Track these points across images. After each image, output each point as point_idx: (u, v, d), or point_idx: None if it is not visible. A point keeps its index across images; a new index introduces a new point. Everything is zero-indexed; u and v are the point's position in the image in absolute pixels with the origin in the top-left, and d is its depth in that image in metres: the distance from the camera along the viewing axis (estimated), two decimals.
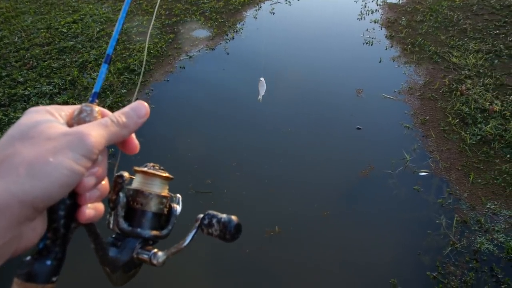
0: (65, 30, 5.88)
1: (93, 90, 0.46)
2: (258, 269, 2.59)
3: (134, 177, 0.52)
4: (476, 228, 2.77)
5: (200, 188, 3.12)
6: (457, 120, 3.69)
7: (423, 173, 3.18)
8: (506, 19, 5.33)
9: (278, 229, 2.78)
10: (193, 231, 0.51)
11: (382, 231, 2.82)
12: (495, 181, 3.10)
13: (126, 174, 0.49)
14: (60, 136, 0.38)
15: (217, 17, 5.97)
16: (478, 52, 4.65)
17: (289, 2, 6.50)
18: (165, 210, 0.53)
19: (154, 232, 0.51)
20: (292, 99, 4.13)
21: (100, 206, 0.43)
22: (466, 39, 4.99)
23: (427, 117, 3.76)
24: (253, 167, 3.31)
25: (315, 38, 5.32)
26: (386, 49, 4.95)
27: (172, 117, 3.99)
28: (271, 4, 6.42)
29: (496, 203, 2.94)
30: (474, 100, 3.87)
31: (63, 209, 0.40)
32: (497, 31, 5.08)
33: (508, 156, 3.29)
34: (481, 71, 4.33)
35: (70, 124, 0.42)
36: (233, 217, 0.50)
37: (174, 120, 3.96)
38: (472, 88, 4.05)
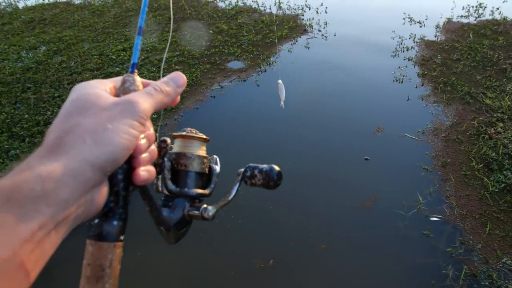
0: (115, 57, 6.42)
1: (132, 61, 0.49)
2: None
3: (172, 145, 0.55)
4: (487, 283, 2.59)
5: None
6: (481, 165, 3.52)
7: (435, 218, 3.05)
8: None
9: (272, 262, 2.79)
10: (237, 184, 0.56)
11: (384, 274, 2.73)
12: None
13: (168, 140, 0.53)
14: (113, 106, 0.41)
15: (253, 50, 6.22)
16: None
17: (325, 37, 6.62)
18: (206, 170, 0.57)
19: (199, 190, 0.55)
20: (308, 132, 4.17)
21: (152, 169, 0.46)
22: (504, 79, 4.77)
23: (449, 160, 3.61)
24: (258, 197, 3.37)
25: (345, 73, 5.36)
26: (416, 87, 4.86)
27: None
28: (307, 39, 6.58)
29: None
30: (503, 145, 3.67)
31: (121, 173, 0.43)
32: None
33: None
34: None
35: (116, 95, 0.46)
36: (274, 166, 0.55)
37: None
38: (503, 132, 3.85)
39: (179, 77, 0.50)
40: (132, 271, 2.75)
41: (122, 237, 0.44)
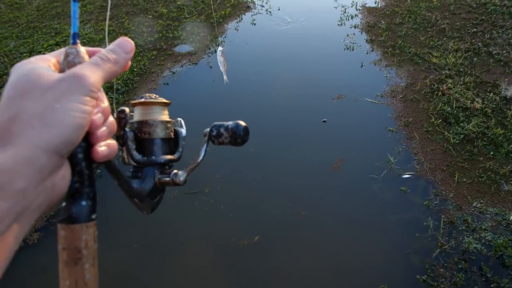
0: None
1: (72, 32, 0.44)
2: (242, 280, 2.57)
3: (132, 113, 0.53)
4: (464, 228, 2.77)
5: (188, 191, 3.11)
6: (440, 120, 3.72)
7: (407, 176, 3.19)
8: (483, 17, 5.41)
9: (257, 239, 2.77)
10: (205, 145, 0.55)
11: (369, 235, 2.81)
12: (480, 179, 3.12)
13: (127, 109, 0.51)
14: (58, 83, 0.38)
15: (199, 32, 5.99)
16: (457, 51, 4.71)
17: (269, 12, 6.55)
18: (172, 134, 0.56)
19: (167, 156, 0.54)
20: (273, 107, 4.14)
21: (113, 143, 0.44)
22: (445, 38, 5.05)
23: (410, 119, 3.78)
24: (231, 176, 3.31)
25: (296, 46, 5.36)
26: (367, 53, 5.00)
27: None
28: (252, 15, 6.46)
29: (482, 201, 2.95)
30: (455, 99, 3.90)
31: (81, 152, 0.41)
32: (475, 29, 5.15)
33: (491, 153, 3.31)
34: (461, 70, 4.38)
35: (60, 70, 0.42)
36: (240, 122, 0.54)
37: None
38: (453, 87, 4.09)
39: (126, 43, 0.46)
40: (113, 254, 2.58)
41: (93, 216, 0.43)
